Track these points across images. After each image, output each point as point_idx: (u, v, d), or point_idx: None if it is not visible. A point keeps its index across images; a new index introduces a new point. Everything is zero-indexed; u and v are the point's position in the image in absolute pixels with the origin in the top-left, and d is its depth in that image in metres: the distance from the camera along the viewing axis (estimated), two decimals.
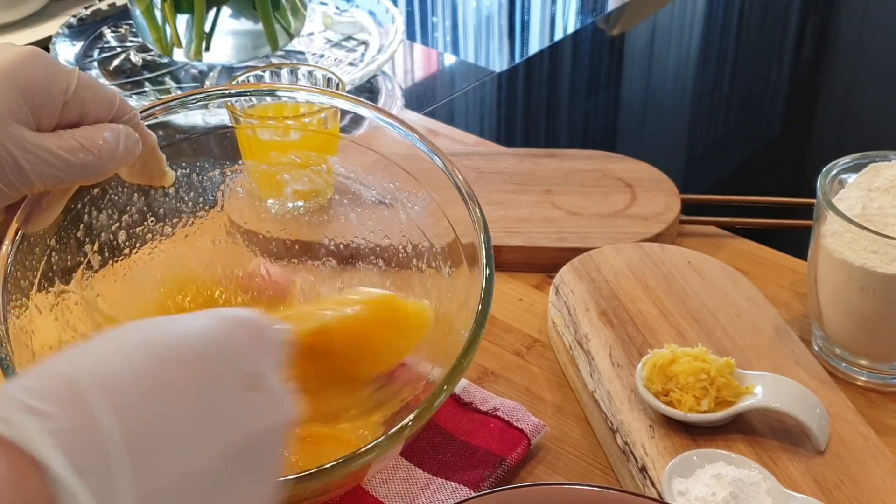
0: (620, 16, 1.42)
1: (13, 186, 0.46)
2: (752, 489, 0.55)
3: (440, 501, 0.59)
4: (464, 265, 0.59)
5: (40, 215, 0.52)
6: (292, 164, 0.71)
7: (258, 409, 0.36)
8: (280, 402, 0.38)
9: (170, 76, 1.10)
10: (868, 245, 0.64)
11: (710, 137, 1.26)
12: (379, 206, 0.66)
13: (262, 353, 0.38)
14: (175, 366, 0.34)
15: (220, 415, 0.35)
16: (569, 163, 0.90)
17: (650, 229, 0.81)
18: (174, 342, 0.35)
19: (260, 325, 0.39)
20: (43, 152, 0.46)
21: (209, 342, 0.36)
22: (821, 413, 0.60)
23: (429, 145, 0.61)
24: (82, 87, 0.49)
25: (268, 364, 0.38)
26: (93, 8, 1.19)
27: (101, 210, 0.60)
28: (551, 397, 0.69)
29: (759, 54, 1.42)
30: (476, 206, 0.59)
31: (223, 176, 0.67)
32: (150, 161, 0.54)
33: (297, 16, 1.09)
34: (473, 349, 0.52)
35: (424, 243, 0.64)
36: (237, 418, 0.35)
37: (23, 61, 0.47)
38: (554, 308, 0.72)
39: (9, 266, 0.54)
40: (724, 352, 0.66)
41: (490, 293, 0.55)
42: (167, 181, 0.56)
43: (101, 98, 0.50)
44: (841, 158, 0.69)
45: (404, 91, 1.14)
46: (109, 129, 0.49)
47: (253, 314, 0.39)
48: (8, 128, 0.45)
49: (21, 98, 0.46)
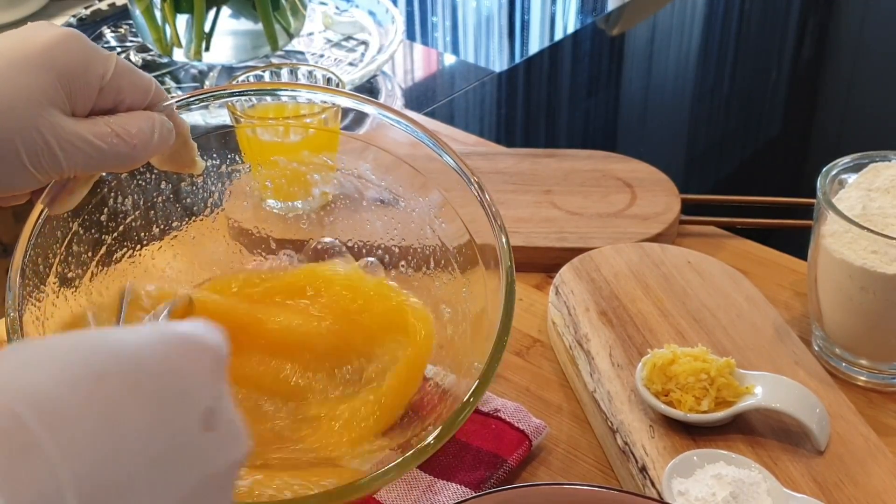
0: (620, 16, 1.42)
1: (45, 171, 0.46)
2: (752, 489, 0.55)
3: (442, 503, 0.59)
4: (480, 267, 0.59)
5: (66, 198, 0.51)
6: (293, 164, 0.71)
7: (214, 448, 0.33)
8: (234, 439, 0.35)
9: (170, 76, 1.10)
10: (868, 245, 0.64)
11: (710, 137, 1.26)
12: (383, 206, 0.66)
13: (214, 381, 0.34)
14: (132, 409, 0.30)
15: (176, 459, 0.31)
16: (569, 163, 0.90)
17: (650, 229, 0.81)
18: (129, 377, 0.31)
19: (208, 346, 0.35)
20: (78, 140, 0.46)
21: (163, 376, 0.32)
22: (821, 413, 0.60)
23: (437, 141, 0.61)
24: (119, 74, 0.47)
25: (221, 391, 0.35)
26: (93, 8, 1.19)
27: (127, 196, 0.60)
28: (551, 397, 0.69)
29: (759, 54, 1.42)
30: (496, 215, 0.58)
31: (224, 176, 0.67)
32: (182, 149, 0.53)
33: (297, 16, 1.09)
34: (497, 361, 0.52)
35: (434, 244, 0.63)
36: (193, 461, 0.32)
37: (61, 43, 0.46)
38: (554, 308, 0.72)
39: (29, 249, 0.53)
40: (724, 352, 0.66)
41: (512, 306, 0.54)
42: (197, 170, 0.56)
43: (137, 85, 0.49)
44: (841, 158, 0.69)
45: (404, 91, 1.14)
46: (145, 118, 0.48)
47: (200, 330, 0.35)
48: (43, 113, 0.44)
49: (58, 82, 0.45)
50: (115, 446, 0.29)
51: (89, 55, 0.46)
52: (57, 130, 0.45)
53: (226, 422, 0.34)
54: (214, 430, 0.33)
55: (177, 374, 0.33)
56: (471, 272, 0.60)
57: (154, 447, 0.30)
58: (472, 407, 0.51)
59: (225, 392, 0.35)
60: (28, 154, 0.45)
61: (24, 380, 0.29)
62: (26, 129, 0.44)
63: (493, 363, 0.52)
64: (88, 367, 0.30)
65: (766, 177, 1.19)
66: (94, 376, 0.30)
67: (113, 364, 0.31)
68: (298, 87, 0.68)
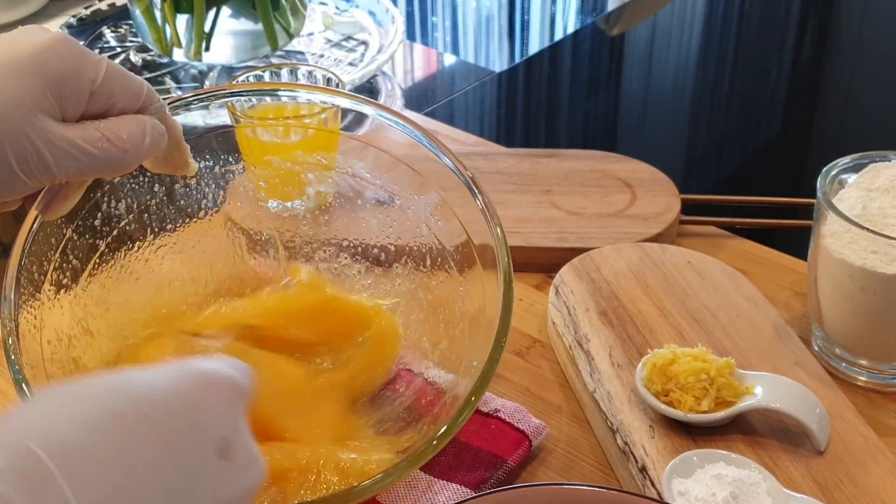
0: (620, 16, 1.42)
1: (35, 178, 0.45)
2: (752, 489, 0.55)
3: (442, 503, 0.59)
4: (477, 266, 0.59)
5: (59, 204, 0.51)
6: (293, 164, 0.71)
7: (228, 477, 0.35)
8: (250, 466, 0.36)
9: (170, 76, 1.10)
10: (868, 245, 0.64)
11: (710, 137, 1.26)
12: (380, 206, 0.66)
13: (231, 413, 0.36)
14: (144, 439, 0.32)
15: (190, 489, 0.33)
16: (569, 163, 0.90)
17: (650, 229, 0.81)
18: (146, 413, 0.33)
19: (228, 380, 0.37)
20: (67, 145, 0.45)
21: (179, 410, 0.34)
22: (821, 413, 0.60)
23: (435, 143, 0.61)
24: (110, 78, 0.47)
25: (238, 423, 0.36)
26: (93, 8, 1.19)
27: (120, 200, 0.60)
28: (551, 397, 0.69)
29: (759, 54, 1.42)
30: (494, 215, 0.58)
31: (223, 176, 0.67)
32: (175, 151, 0.53)
33: (297, 16, 1.09)
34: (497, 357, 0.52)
35: (431, 243, 0.63)
36: (207, 489, 0.34)
37: (51, 48, 0.45)
38: (554, 308, 0.72)
39: (24, 257, 0.53)
40: (724, 352, 0.66)
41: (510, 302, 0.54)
42: (190, 171, 0.55)
43: (129, 89, 0.48)
44: (841, 158, 0.69)
45: (404, 91, 1.14)
46: (136, 122, 0.48)
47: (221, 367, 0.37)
48: (33, 119, 0.44)
49: (48, 88, 0.45)
50: (127, 477, 0.31)
51: (79, 59, 0.46)
52: (47, 136, 0.44)
53: (241, 450, 0.36)
54: (230, 460, 0.35)
55: (194, 407, 0.35)
56: (468, 272, 0.60)
57: (167, 477, 0.32)
58: (474, 407, 0.51)
59: (241, 422, 0.37)
60: (18, 160, 0.44)
61: (43, 423, 0.31)
62: (15, 134, 0.44)
63: (493, 360, 0.52)
64: (105, 406, 0.33)
65: (766, 177, 1.19)
66: (110, 414, 0.32)
67: (128, 401, 0.33)
68: (297, 88, 0.68)
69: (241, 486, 0.36)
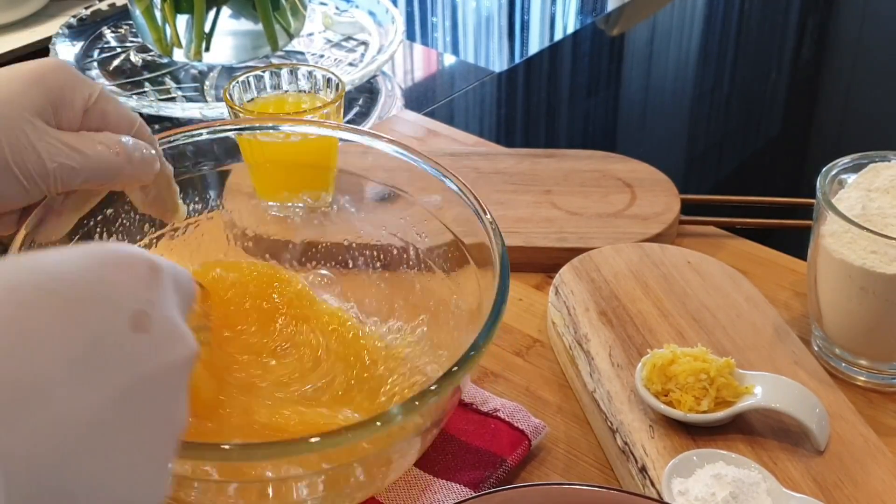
0: (620, 16, 1.42)
1: (31, 178, 0.47)
2: (751, 489, 0.55)
3: (441, 503, 0.59)
4: (471, 265, 0.59)
5: (54, 221, 0.52)
6: (292, 165, 0.71)
7: (146, 350, 0.34)
8: (172, 340, 0.35)
9: (170, 76, 1.10)
10: (868, 245, 0.64)
11: (710, 137, 1.26)
12: (379, 206, 0.66)
13: (145, 289, 0.35)
14: (45, 311, 0.32)
15: (100, 361, 0.32)
16: (569, 163, 0.90)
17: (650, 229, 0.81)
18: (44, 285, 0.32)
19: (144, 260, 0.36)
20: (62, 144, 0.48)
21: (82, 283, 0.33)
22: (820, 413, 0.60)
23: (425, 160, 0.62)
24: (104, 99, 0.51)
25: (156, 296, 0.36)
26: (93, 8, 1.19)
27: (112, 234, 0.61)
28: (551, 397, 0.69)
29: (759, 54, 1.42)
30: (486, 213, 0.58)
31: (223, 177, 0.67)
32: (165, 191, 0.56)
33: (297, 16, 1.09)
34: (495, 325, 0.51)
35: (428, 244, 0.64)
36: (120, 362, 0.33)
37: (49, 64, 0.50)
38: (554, 308, 0.72)
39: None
40: (723, 352, 0.66)
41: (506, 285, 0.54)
42: (179, 217, 0.58)
43: (122, 114, 0.52)
44: (841, 158, 0.69)
45: (404, 91, 1.14)
46: (128, 137, 0.51)
47: (132, 249, 0.37)
48: (30, 118, 0.47)
49: (45, 96, 0.48)
50: (27, 348, 0.31)
51: (76, 77, 0.50)
52: (41, 134, 0.48)
53: (161, 323, 0.35)
54: (146, 332, 0.34)
55: (99, 281, 0.34)
56: (461, 271, 0.60)
57: (71, 348, 0.32)
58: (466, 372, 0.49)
59: (161, 298, 0.36)
60: (13, 153, 0.47)
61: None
62: (12, 129, 0.47)
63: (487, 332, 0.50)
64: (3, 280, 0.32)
65: (766, 177, 1.19)
66: (7, 288, 0.32)
67: (27, 274, 0.33)
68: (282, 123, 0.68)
69: (163, 360, 0.35)
